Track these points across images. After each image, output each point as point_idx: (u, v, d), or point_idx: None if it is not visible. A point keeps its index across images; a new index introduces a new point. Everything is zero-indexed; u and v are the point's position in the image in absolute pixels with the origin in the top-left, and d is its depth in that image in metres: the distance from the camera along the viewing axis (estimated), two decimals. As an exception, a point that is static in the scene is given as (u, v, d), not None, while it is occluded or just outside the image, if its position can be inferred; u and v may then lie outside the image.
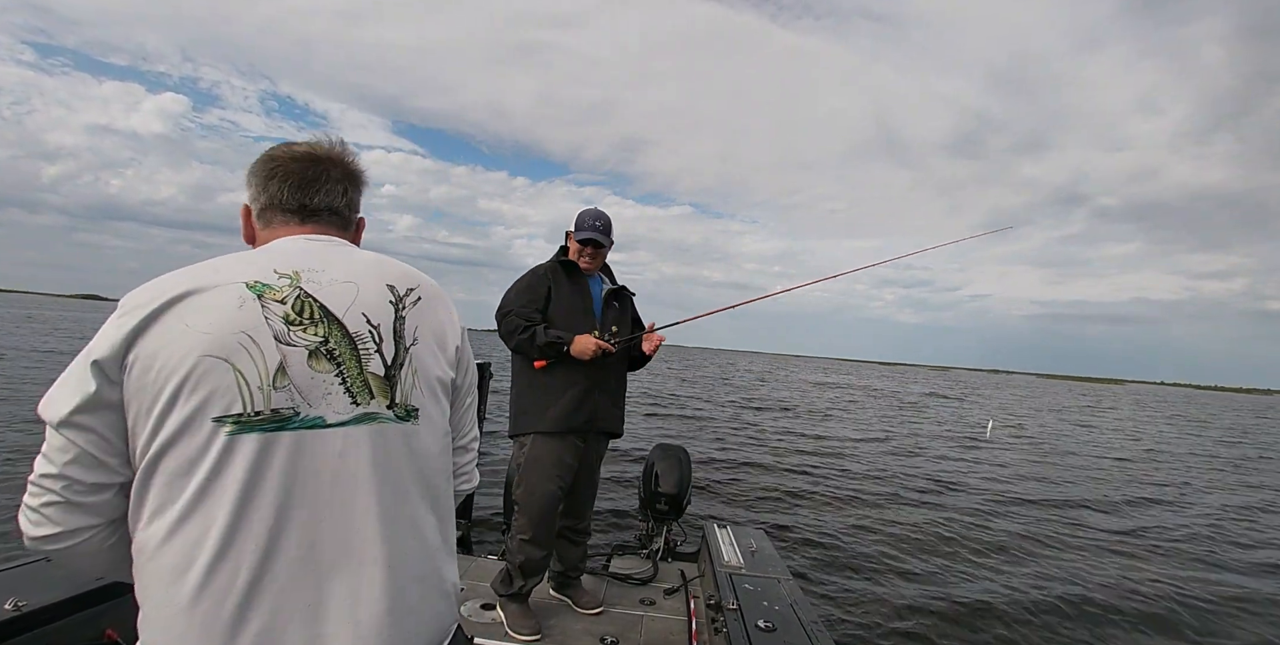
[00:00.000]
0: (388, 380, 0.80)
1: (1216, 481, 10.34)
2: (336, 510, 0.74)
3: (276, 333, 0.73)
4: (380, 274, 0.86)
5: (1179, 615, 4.24)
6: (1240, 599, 4.59)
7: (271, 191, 0.88)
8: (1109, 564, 5.26)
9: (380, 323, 0.82)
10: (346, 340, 0.78)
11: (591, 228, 2.38)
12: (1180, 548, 5.97)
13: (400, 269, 0.89)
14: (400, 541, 0.79)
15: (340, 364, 0.77)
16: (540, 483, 2.26)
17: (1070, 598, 4.34)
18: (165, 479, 0.69)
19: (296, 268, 0.79)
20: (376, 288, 0.84)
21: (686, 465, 3.22)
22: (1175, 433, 20.10)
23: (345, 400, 0.76)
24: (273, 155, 0.90)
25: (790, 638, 1.92)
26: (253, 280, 0.75)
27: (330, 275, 0.81)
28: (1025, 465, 10.30)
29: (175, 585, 0.68)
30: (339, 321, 0.78)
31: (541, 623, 2.30)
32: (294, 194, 0.88)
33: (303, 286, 0.78)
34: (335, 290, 0.80)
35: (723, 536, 2.95)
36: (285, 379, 0.73)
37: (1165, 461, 12.31)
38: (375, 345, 0.80)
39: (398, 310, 0.84)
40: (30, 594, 1.49)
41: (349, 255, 0.87)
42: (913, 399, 26.66)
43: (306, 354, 0.75)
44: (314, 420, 0.74)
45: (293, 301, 0.76)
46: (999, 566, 4.98)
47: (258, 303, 0.74)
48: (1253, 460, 13.87)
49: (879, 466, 9.07)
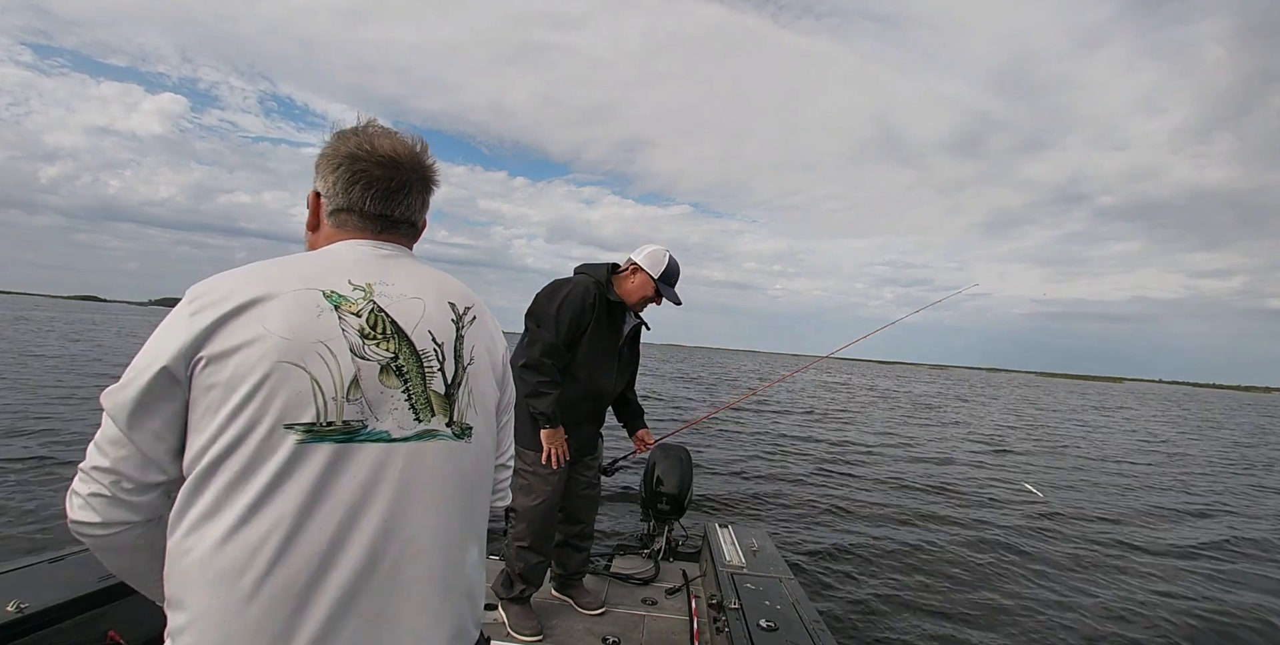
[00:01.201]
0: (448, 398, 0.82)
1: (1266, 486, 9.76)
2: (398, 523, 0.75)
3: (352, 345, 0.75)
4: (442, 291, 0.87)
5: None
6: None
7: (354, 197, 0.86)
8: (1172, 585, 4.76)
9: (444, 341, 0.83)
10: (414, 357, 0.79)
11: (671, 281, 2.30)
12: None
13: (458, 286, 0.91)
14: (453, 557, 0.81)
15: (407, 380, 0.78)
16: (535, 495, 2.25)
17: (1108, 610, 4.19)
18: (226, 480, 0.68)
19: (369, 280, 0.80)
20: (440, 305, 0.85)
21: (688, 465, 3.22)
22: (1193, 433, 19.54)
23: (409, 416, 0.78)
24: (355, 155, 0.85)
25: (792, 637, 1.92)
26: (329, 290, 0.76)
27: (399, 289, 0.82)
28: (1052, 471, 9.84)
29: (230, 587, 0.67)
30: (408, 338, 0.80)
31: (543, 623, 2.30)
32: (376, 204, 0.87)
33: (375, 300, 0.79)
34: (405, 305, 0.81)
35: (724, 536, 2.95)
36: (358, 391, 0.74)
37: (1196, 466, 11.74)
38: (439, 363, 0.82)
39: (458, 329, 0.86)
40: (32, 596, 1.49)
41: (415, 269, 0.88)
42: (926, 400, 26.25)
43: (378, 369, 0.76)
44: (380, 434, 0.75)
45: (367, 315, 0.77)
46: (1018, 577, 4.80)
47: (334, 314, 0.75)
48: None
49: (883, 467, 9.06)
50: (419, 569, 0.76)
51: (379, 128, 0.89)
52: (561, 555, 2.47)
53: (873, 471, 8.60)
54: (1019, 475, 9.17)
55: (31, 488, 4.85)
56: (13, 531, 3.99)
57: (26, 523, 4.14)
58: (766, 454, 9.27)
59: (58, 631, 1.49)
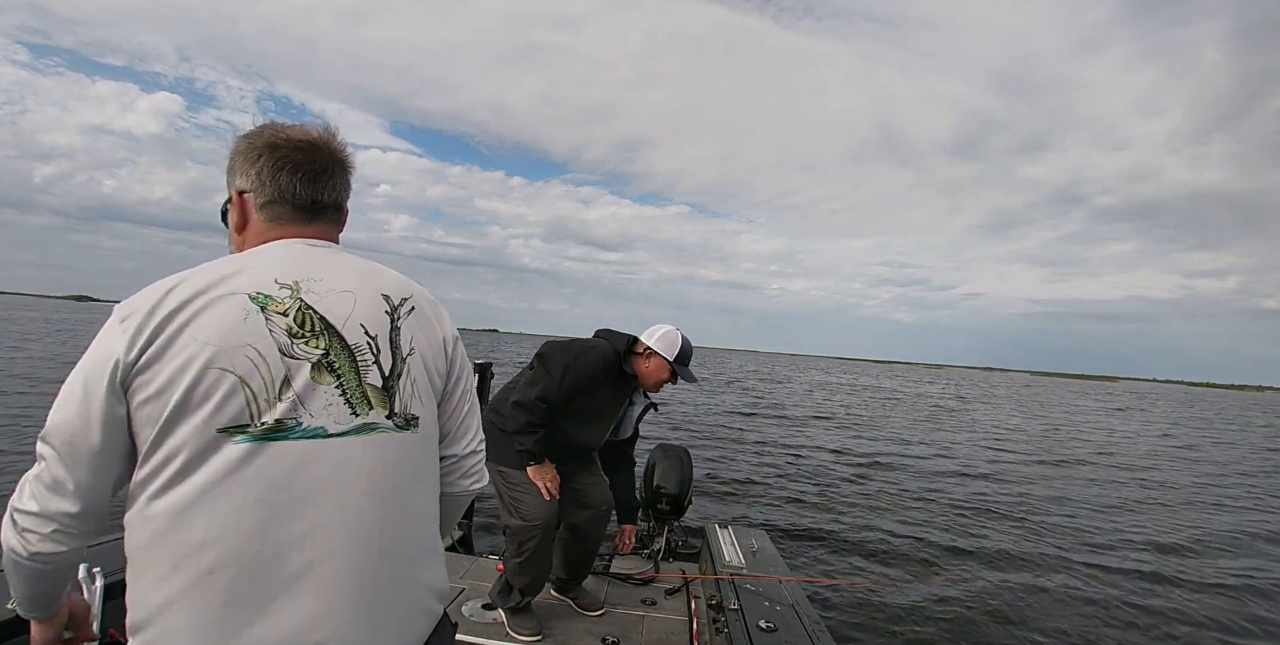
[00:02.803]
0: (386, 391, 0.82)
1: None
2: (335, 516, 0.75)
3: (281, 345, 0.75)
4: (376, 283, 0.86)
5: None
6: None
7: (282, 184, 0.85)
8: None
9: (378, 334, 0.83)
10: (345, 352, 0.79)
11: (687, 361, 2.30)
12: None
13: (393, 278, 0.90)
14: (395, 547, 0.80)
15: (340, 376, 0.78)
16: (529, 507, 2.18)
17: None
18: (162, 483, 0.70)
19: (296, 277, 0.80)
20: (372, 297, 0.84)
21: (688, 465, 3.22)
22: (1212, 436, 19.11)
23: (346, 411, 0.78)
24: (274, 143, 0.85)
25: (792, 638, 1.92)
26: (255, 291, 0.76)
27: (328, 284, 0.81)
28: (1098, 485, 9.18)
29: (164, 582, 0.69)
30: (338, 333, 0.79)
31: (542, 623, 2.30)
32: (306, 188, 0.86)
33: (303, 297, 0.78)
34: (334, 300, 0.81)
35: (724, 537, 2.95)
36: (289, 391, 0.74)
37: (1224, 470, 11.23)
38: (373, 357, 0.82)
39: (393, 320, 0.85)
40: None
41: (345, 263, 0.87)
42: (942, 403, 25.78)
43: (309, 366, 0.76)
44: (315, 430, 0.75)
45: (294, 314, 0.77)
46: (1030, 581, 4.73)
47: (261, 315, 0.75)
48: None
49: (882, 467, 9.06)
50: (359, 559, 0.76)
51: (281, 123, 0.89)
52: (565, 561, 2.46)
53: (874, 472, 8.60)
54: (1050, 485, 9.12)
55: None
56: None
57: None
58: (767, 454, 9.26)
59: None
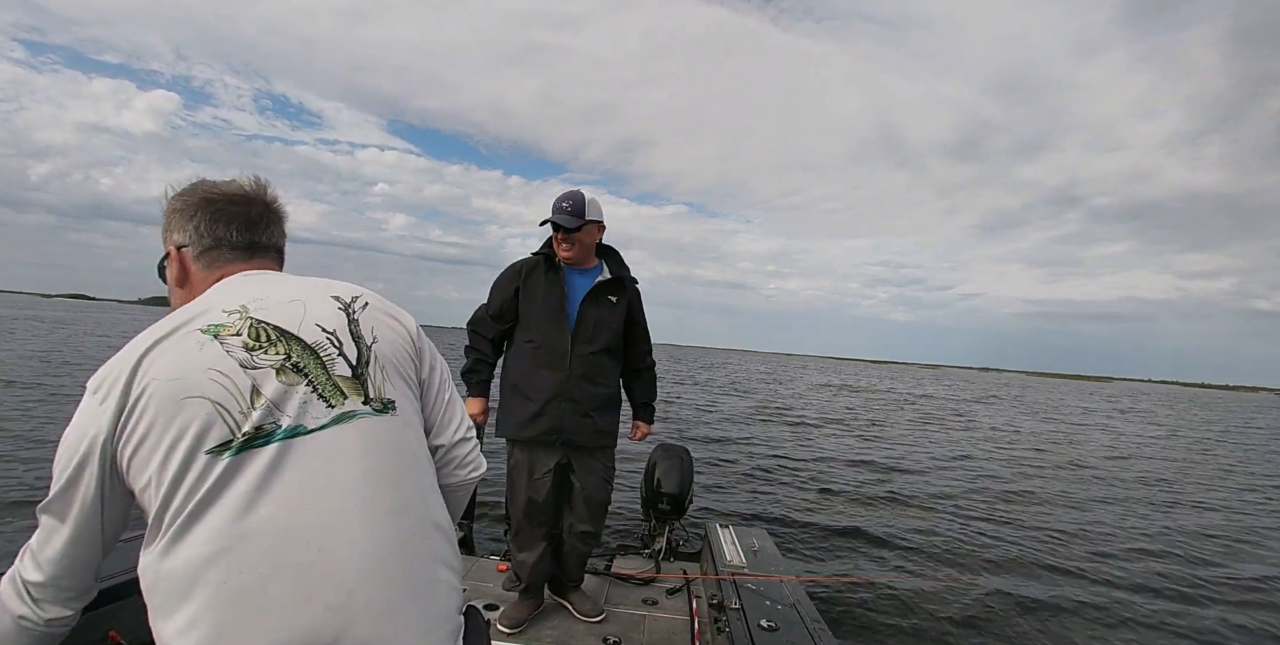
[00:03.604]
0: (357, 379, 0.84)
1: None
2: (335, 503, 0.77)
3: (241, 361, 0.78)
4: (323, 289, 0.91)
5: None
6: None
7: (219, 233, 0.92)
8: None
9: (336, 329, 0.86)
10: (308, 351, 0.82)
11: (557, 210, 2.09)
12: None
13: (341, 284, 0.94)
14: (396, 529, 0.80)
15: (307, 373, 0.81)
16: (516, 492, 2.25)
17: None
18: (171, 515, 0.73)
19: (242, 302, 0.83)
20: (322, 299, 0.88)
21: (688, 465, 3.22)
22: (1220, 438, 18.69)
23: (321, 405, 0.80)
24: (209, 199, 0.92)
25: (793, 637, 1.92)
26: (206, 325, 0.79)
27: (274, 299, 0.85)
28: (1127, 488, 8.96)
29: (181, 605, 0.71)
30: (296, 336, 0.82)
31: (543, 622, 2.30)
32: (243, 233, 0.93)
33: (253, 316, 0.82)
34: (283, 310, 0.84)
35: (725, 536, 2.95)
36: (260, 398, 0.77)
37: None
38: (336, 349, 0.84)
39: (349, 314, 0.89)
40: None
41: (288, 280, 0.92)
42: (945, 404, 25.55)
43: (274, 371, 0.79)
44: (295, 429, 0.78)
45: (247, 331, 0.80)
46: (1031, 579, 4.75)
47: (215, 341, 0.78)
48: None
49: (886, 469, 9.06)
50: (362, 546, 0.76)
51: (212, 181, 0.96)
52: (559, 554, 2.40)
53: (876, 472, 8.60)
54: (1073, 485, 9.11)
55: (30, 484, 4.86)
56: (10, 530, 3.99)
57: (24, 520, 4.15)
58: (768, 454, 9.26)
59: None
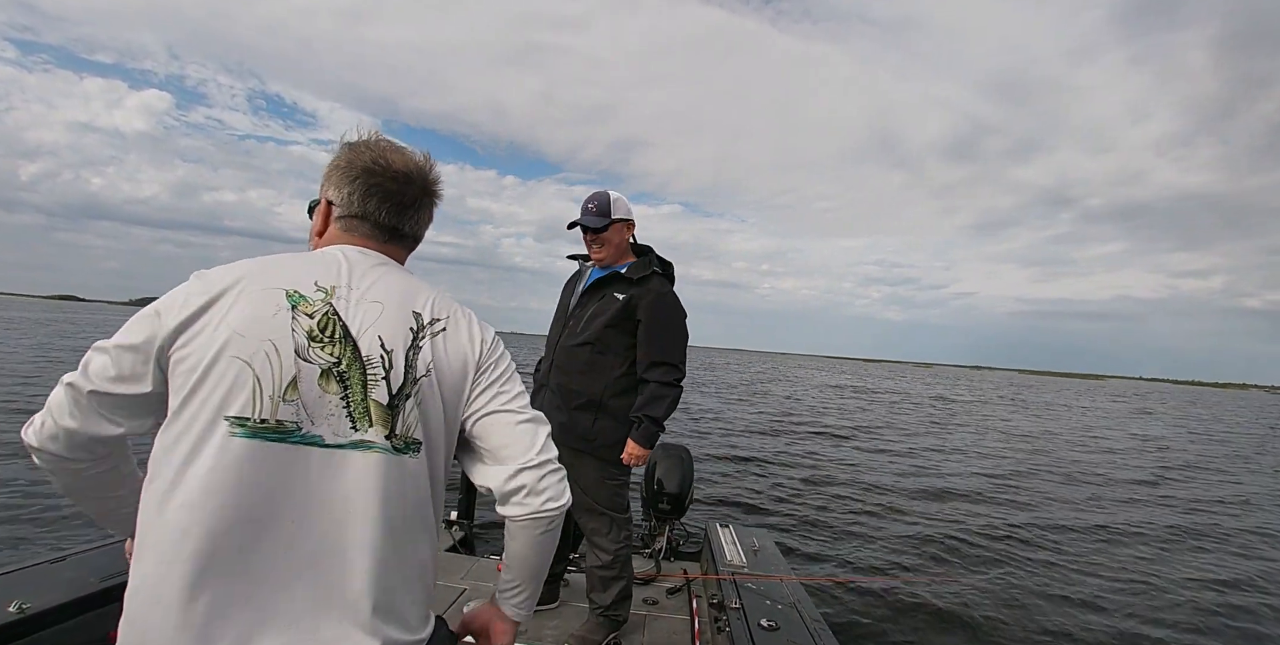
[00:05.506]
0: (390, 410, 0.79)
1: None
2: (316, 527, 0.74)
3: (298, 347, 0.76)
4: (413, 300, 0.86)
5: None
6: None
7: (369, 208, 0.89)
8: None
9: (394, 349, 0.81)
10: (357, 364, 0.78)
11: (583, 211, 2.10)
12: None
13: (434, 296, 0.89)
14: (375, 570, 0.76)
15: (347, 387, 0.78)
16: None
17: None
18: (173, 458, 0.72)
19: (335, 282, 0.82)
20: (400, 312, 0.84)
21: (689, 465, 3.22)
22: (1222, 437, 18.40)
23: (346, 424, 0.77)
24: (371, 169, 0.88)
25: (793, 637, 1.92)
26: (293, 290, 0.79)
27: (362, 293, 0.83)
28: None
29: (158, 557, 0.71)
30: (354, 343, 0.79)
31: (543, 622, 2.30)
32: (390, 217, 0.90)
33: (333, 302, 0.80)
34: (362, 309, 0.81)
35: (725, 536, 2.95)
36: (295, 393, 0.75)
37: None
38: (384, 372, 0.80)
39: (416, 338, 0.83)
40: (34, 596, 1.49)
41: (389, 277, 0.87)
42: (941, 400, 25.52)
43: (319, 372, 0.76)
44: (313, 438, 0.75)
45: (320, 317, 0.78)
46: (1032, 580, 4.73)
47: (290, 313, 0.77)
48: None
49: (887, 469, 9.05)
50: (335, 573, 0.74)
51: (389, 142, 0.91)
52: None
53: (876, 473, 8.59)
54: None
55: (31, 486, 4.85)
56: (13, 531, 3.99)
57: (26, 522, 4.15)
58: (768, 454, 9.26)
59: (59, 632, 1.49)
